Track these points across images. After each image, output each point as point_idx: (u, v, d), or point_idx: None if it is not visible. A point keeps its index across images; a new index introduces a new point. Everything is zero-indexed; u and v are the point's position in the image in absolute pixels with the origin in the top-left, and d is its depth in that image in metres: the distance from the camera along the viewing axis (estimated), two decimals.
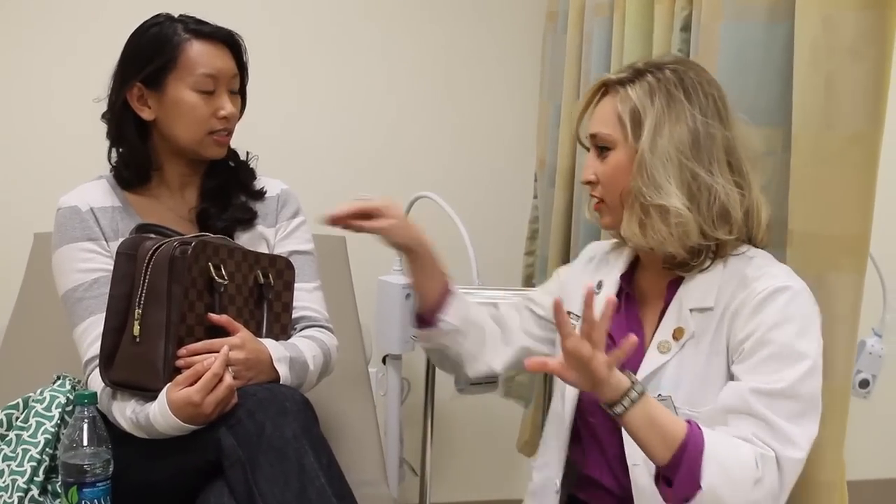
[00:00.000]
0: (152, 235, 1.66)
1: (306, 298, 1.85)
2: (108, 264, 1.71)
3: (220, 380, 1.52)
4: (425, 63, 2.80)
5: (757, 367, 1.41)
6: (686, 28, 1.90)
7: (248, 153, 1.91)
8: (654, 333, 1.55)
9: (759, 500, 1.36)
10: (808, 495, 1.56)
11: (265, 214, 1.89)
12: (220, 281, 1.61)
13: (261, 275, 1.71)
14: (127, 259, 1.62)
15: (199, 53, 1.72)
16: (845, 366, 1.54)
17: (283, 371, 1.66)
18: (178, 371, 1.56)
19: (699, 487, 1.34)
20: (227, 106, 1.75)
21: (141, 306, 1.57)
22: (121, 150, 1.81)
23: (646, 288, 1.63)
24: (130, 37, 1.77)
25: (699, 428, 1.37)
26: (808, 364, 1.40)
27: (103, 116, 1.80)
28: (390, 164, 2.79)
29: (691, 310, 1.51)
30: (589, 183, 1.59)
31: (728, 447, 1.37)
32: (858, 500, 3.07)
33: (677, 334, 1.51)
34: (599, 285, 1.67)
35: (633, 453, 1.51)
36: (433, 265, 1.72)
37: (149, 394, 1.57)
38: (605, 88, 1.58)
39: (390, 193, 2.66)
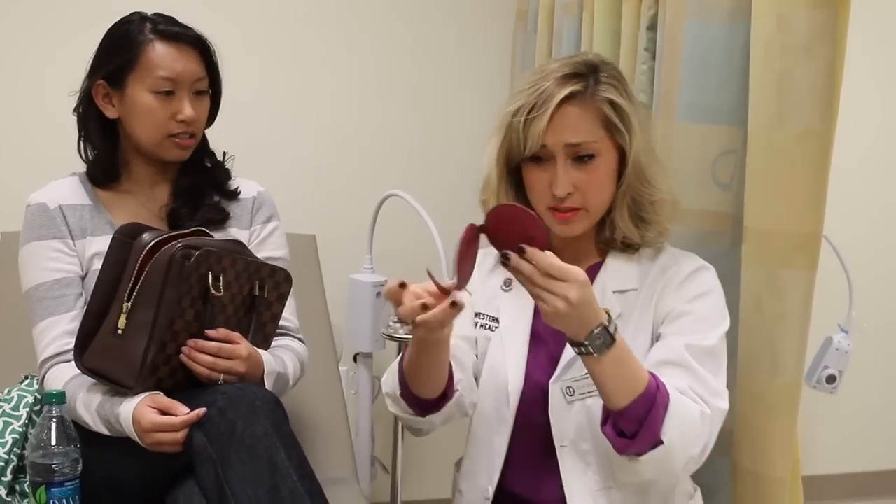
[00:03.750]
0: (151, 226, 1.66)
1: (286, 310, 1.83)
2: (73, 265, 1.73)
3: (175, 429, 1.50)
4: (395, 61, 2.80)
5: (686, 328, 1.49)
6: (652, 27, 1.92)
7: (224, 153, 1.91)
8: None
9: (696, 455, 1.42)
10: (758, 491, 1.58)
11: (239, 216, 1.88)
12: (215, 293, 1.59)
13: (257, 286, 1.68)
14: (121, 245, 1.61)
15: (160, 55, 1.71)
16: (796, 361, 1.57)
17: (269, 385, 1.67)
18: (155, 372, 1.56)
19: (661, 442, 1.37)
20: (187, 109, 1.73)
21: (131, 300, 1.57)
22: (89, 146, 1.81)
23: None
24: (105, 34, 1.78)
25: (661, 381, 1.39)
26: (725, 327, 1.51)
27: (74, 110, 1.80)
28: (360, 162, 2.79)
29: (614, 292, 1.55)
30: (556, 196, 1.50)
31: (682, 403, 1.40)
32: (827, 494, 3.14)
33: None
34: (508, 283, 1.63)
35: (561, 433, 1.53)
36: (447, 348, 1.50)
37: (118, 388, 1.57)
38: (571, 93, 1.48)
39: (360, 192, 2.69)
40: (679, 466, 1.42)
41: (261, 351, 1.69)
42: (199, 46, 1.77)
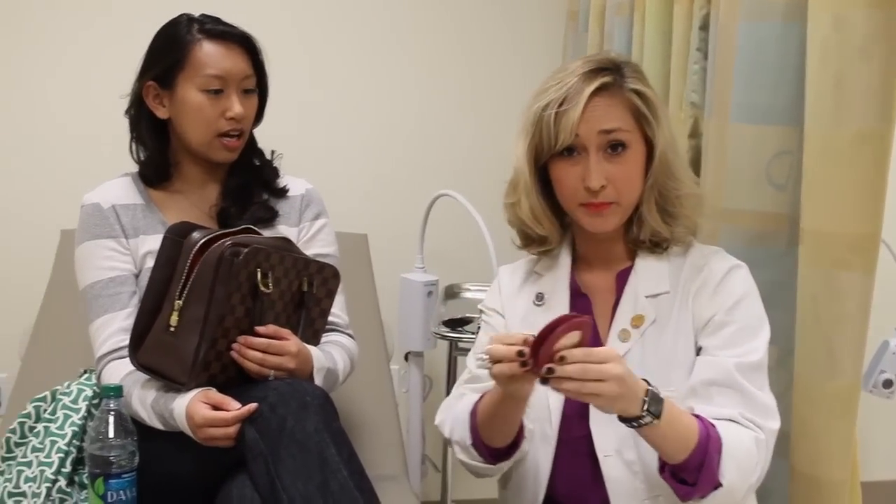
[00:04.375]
0: (201, 225, 1.68)
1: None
2: (126, 263, 1.78)
3: (228, 424, 1.53)
4: (447, 62, 2.81)
5: (731, 341, 1.47)
6: (704, 27, 1.91)
7: (272, 152, 1.93)
8: (609, 326, 1.56)
9: (754, 482, 1.43)
10: (816, 494, 1.57)
11: (287, 214, 1.90)
12: (265, 290, 1.61)
13: (305, 282, 1.70)
14: (172, 244, 1.64)
15: (208, 54, 1.75)
16: (854, 365, 1.55)
17: (318, 381, 1.69)
18: (207, 368, 1.58)
19: (720, 484, 1.38)
20: (236, 107, 1.76)
21: (182, 298, 1.60)
22: (141, 148, 1.84)
23: (593, 285, 1.61)
24: (154, 36, 1.81)
25: (709, 423, 1.40)
26: (767, 334, 1.50)
27: (126, 112, 1.84)
28: (411, 162, 2.81)
29: (646, 296, 1.54)
30: (590, 189, 1.48)
31: (736, 439, 1.40)
32: (885, 500, 3.08)
33: (636, 321, 1.53)
34: (541, 297, 1.63)
35: (604, 444, 1.52)
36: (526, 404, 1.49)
37: (172, 384, 1.60)
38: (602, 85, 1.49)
39: (411, 192, 2.71)
40: (740, 496, 1.42)
41: (310, 347, 1.70)
42: (246, 45, 1.79)
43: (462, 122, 2.84)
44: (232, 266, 1.57)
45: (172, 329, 1.59)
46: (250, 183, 1.88)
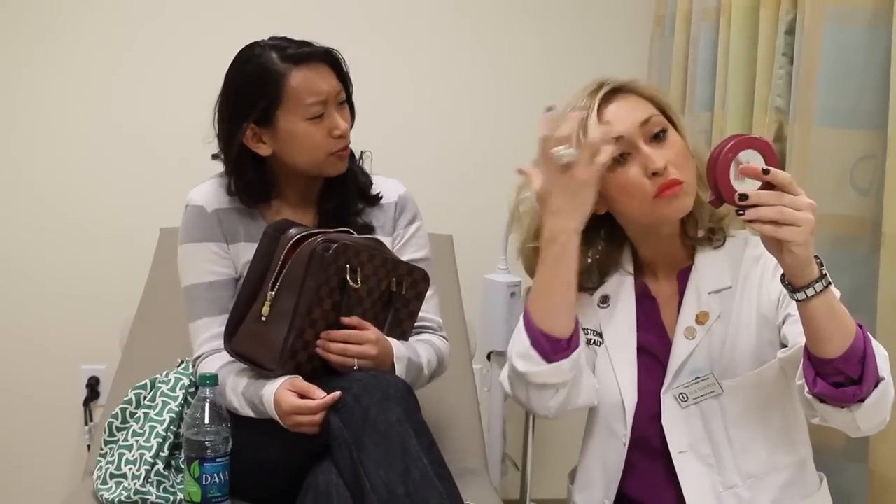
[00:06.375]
0: (299, 223, 1.73)
1: (425, 308, 1.86)
2: (227, 267, 1.82)
3: (313, 412, 1.57)
4: (531, 63, 2.81)
5: None
6: (790, 31, 1.91)
7: (361, 153, 1.91)
8: (675, 324, 1.56)
9: (890, 403, 1.36)
10: (885, 492, 1.55)
11: (383, 223, 1.90)
12: (353, 284, 1.66)
13: (395, 282, 1.73)
14: (271, 239, 1.70)
15: (303, 82, 1.72)
16: None
17: (399, 369, 1.72)
18: (294, 357, 1.64)
19: (882, 378, 1.32)
20: (341, 124, 1.75)
21: (275, 289, 1.65)
22: (239, 180, 1.81)
23: (656, 288, 1.61)
24: (228, 73, 1.77)
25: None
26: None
27: (215, 157, 1.83)
28: (495, 164, 2.82)
29: (709, 293, 1.54)
30: (658, 172, 1.46)
31: (874, 342, 1.34)
32: None
33: (701, 318, 1.53)
34: (605, 300, 1.62)
35: (678, 441, 1.52)
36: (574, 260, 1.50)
37: (262, 371, 1.66)
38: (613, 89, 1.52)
39: (496, 193, 2.72)
40: (889, 406, 1.35)
41: (392, 339, 1.73)
42: (330, 60, 1.77)
43: None
44: (322, 260, 1.62)
45: (264, 318, 1.65)
46: (346, 203, 1.86)
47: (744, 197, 1.23)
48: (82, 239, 2.68)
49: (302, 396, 1.60)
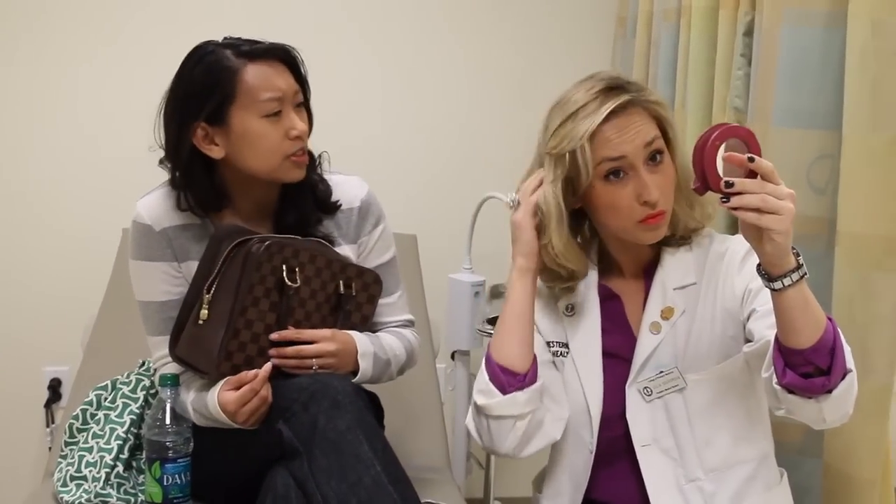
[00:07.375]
0: (247, 228, 1.68)
1: (390, 312, 1.85)
2: (179, 285, 1.72)
3: (256, 390, 1.56)
4: (496, 65, 2.82)
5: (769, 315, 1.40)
6: (749, 33, 1.93)
7: (318, 154, 1.80)
8: (640, 320, 1.58)
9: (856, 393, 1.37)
10: (848, 492, 1.58)
11: (345, 231, 1.81)
12: (291, 284, 1.62)
13: (342, 284, 1.69)
14: (216, 244, 1.65)
15: (257, 76, 1.62)
16: (888, 365, 1.57)
17: (365, 365, 1.70)
18: (230, 359, 1.60)
19: (849, 371, 1.33)
20: (298, 124, 1.65)
21: (211, 292, 1.62)
22: (189, 190, 1.70)
23: (621, 286, 1.63)
24: (178, 72, 1.67)
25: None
26: None
27: (161, 163, 1.72)
28: (460, 164, 2.83)
29: (675, 289, 1.56)
30: (649, 202, 1.47)
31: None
32: None
33: (666, 314, 1.56)
34: (571, 308, 1.64)
35: (641, 435, 1.54)
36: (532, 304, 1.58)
37: (204, 375, 1.64)
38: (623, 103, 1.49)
39: (460, 193, 2.74)
40: (853, 399, 1.36)
41: (354, 333, 1.70)
42: (288, 59, 1.68)
43: (511, 124, 2.86)
44: (257, 259, 1.59)
45: (202, 322, 1.62)
46: (305, 216, 1.76)
47: (729, 184, 1.25)
48: (44, 239, 2.66)
49: (239, 387, 1.57)
